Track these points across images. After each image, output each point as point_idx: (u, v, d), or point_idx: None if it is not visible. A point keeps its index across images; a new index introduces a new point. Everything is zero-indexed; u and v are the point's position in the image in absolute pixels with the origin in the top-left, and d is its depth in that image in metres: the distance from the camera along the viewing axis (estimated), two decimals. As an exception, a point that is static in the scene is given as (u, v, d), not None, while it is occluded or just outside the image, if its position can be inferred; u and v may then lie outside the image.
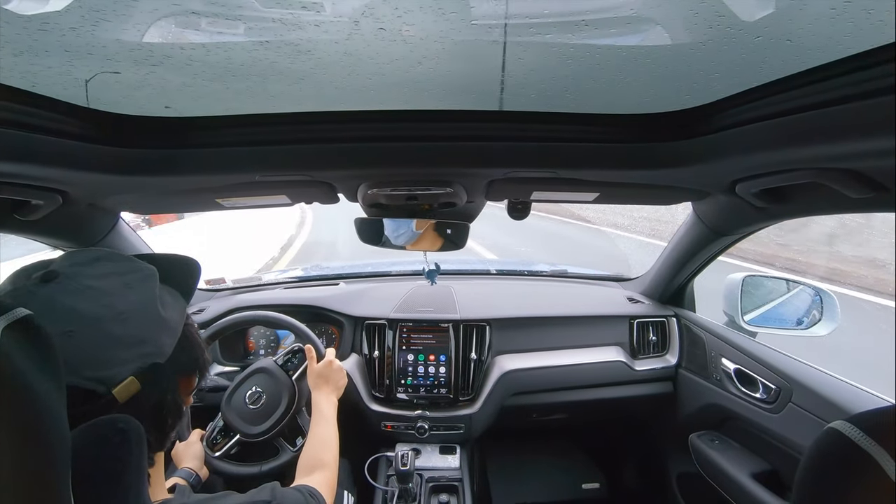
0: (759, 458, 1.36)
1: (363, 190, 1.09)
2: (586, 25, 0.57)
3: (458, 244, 1.25)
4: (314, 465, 1.04)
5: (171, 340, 0.65)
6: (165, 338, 0.64)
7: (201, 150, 0.89)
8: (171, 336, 0.65)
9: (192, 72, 0.70)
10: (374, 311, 1.73)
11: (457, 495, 1.47)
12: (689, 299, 1.80)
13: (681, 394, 1.70)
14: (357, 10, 0.55)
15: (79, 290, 0.58)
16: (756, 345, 1.41)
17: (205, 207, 1.25)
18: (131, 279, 0.63)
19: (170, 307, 0.67)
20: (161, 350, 0.62)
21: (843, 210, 0.94)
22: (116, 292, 0.60)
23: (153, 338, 0.62)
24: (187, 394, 0.74)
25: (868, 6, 0.47)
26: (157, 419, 0.65)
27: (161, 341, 0.63)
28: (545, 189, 1.09)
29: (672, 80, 0.72)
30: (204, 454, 1.25)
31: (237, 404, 1.29)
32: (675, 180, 1.02)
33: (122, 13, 0.55)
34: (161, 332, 0.63)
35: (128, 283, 0.62)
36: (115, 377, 0.56)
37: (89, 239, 1.27)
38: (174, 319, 0.67)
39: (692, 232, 1.46)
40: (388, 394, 1.64)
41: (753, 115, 0.71)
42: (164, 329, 0.64)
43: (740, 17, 0.52)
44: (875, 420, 0.51)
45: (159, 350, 0.62)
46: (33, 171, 0.84)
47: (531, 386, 1.66)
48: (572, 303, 1.88)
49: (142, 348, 0.60)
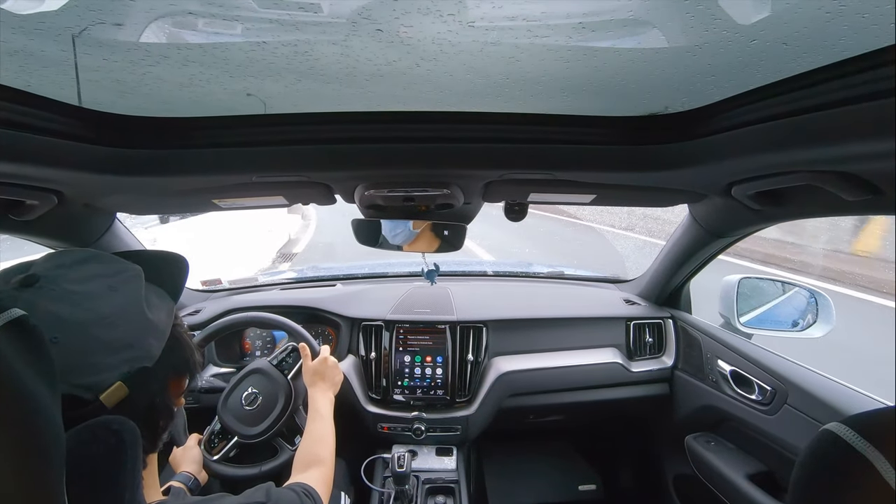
0: (755, 460, 1.37)
1: (360, 191, 1.09)
2: (583, 28, 0.57)
3: (455, 245, 1.25)
4: (310, 461, 1.04)
5: (158, 343, 0.63)
6: (153, 340, 0.62)
7: (198, 151, 0.89)
8: (158, 338, 0.64)
9: (189, 72, 0.70)
10: (370, 312, 1.72)
11: (453, 497, 1.46)
12: (686, 301, 1.81)
13: (677, 395, 1.71)
14: (355, 11, 0.55)
15: (61, 295, 0.56)
16: (752, 346, 1.42)
17: (201, 208, 1.25)
18: (116, 281, 0.61)
19: (157, 308, 0.65)
20: (149, 353, 0.61)
21: (838, 212, 0.94)
22: (101, 296, 0.59)
23: (140, 341, 0.60)
24: (178, 395, 0.73)
25: (863, 10, 0.47)
26: (148, 421, 0.64)
27: (148, 344, 0.62)
28: (542, 191, 1.09)
29: (668, 83, 0.72)
30: (202, 458, 1.24)
31: (234, 406, 1.29)
32: (671, 182, 1.03)
33: (119, 13, 0.55)
34: (148, 334, 0.62)
35: (112, 285, 0.61)
36: (102, 383, 0.55)
37: (85, 239, 1.27)
38: (161, 321, 0.65)
39: (688, 234, 1.47)
40: (384, 395, 1.64)
41: (749, 117, 0.72)
42: (151, 332, 0.63)
43: (736, 20, 0.53)
44: (870, 422, 0.51)
45: (147, 353, 0.61)
46: (28, 171, 0.84)
47: (528, 387, 1.66)
48: (569, 304, 1.89)
49: (129, 353, 0.59)
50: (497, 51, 0.63)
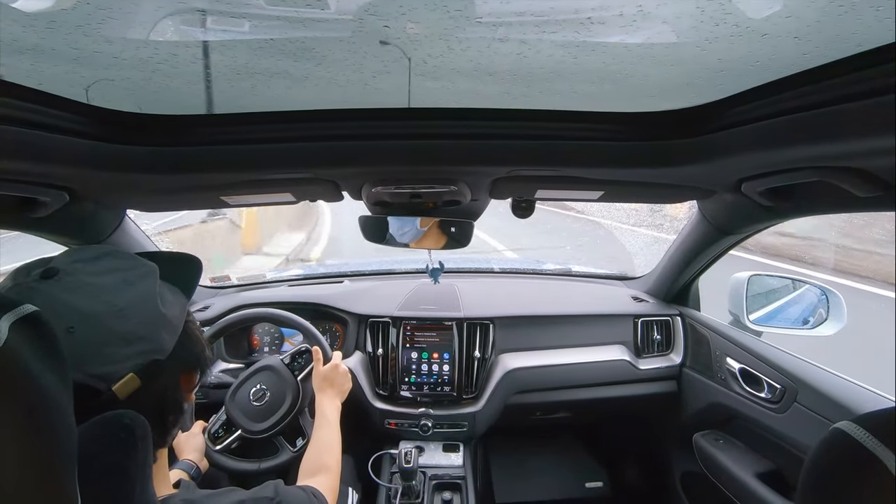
0: (764, 458, 1.36)
1: (367, 188, 1.09)
2: (592, 23, 0.57)
3: (462, 242, 1.25)
4: (317, 468, 1.04)
5: (171, 337, 0.65)
6: (166, 334, 0.64)
7: (206, 148, 0.90)
8: (171, 333, 0.65)
9: (198, 69, 0.71)
10: (378, 308, 1.73)
11: (460, 493, 1.47)
12: (694, 298, 1.79)
13: (685, 393, 1.70)
14: (361, 7, 0.55)
15: (78, 286, 0.58)
16: (761, 344, 1.40)
17: (210, 205, 1.26)
18: (131, 276, 0.63)
19: (170, 304, 0.67)
20: (161, 346, 0.62)
21: (849, 209, 0.93)
22: (116, 289, 0.60)
23: (153, 334, 0.62)
24: (189, 390, 0.74)
25: (876, 3, 0.46)
26: (159, 416, 0.65)
27: (161, 338, 0.63)
28: (549, 187, 1.09)
29: (678, 79, 0.72)
30: (205, 446, 1.26)
31: (241, 400, 1.30)
32: (680, 179, 1.02)
33: (129, 11, 0.56)
34: (161, 328, 0.63)
35: (127, 279, 0.62)
36: (115, 374, 0.57)
37: (95, 236, 1.28)
38: (175, 316, 0.67)
39: (697, 231, 1.46)
40: (391, 391, 1.64)
41: (760, 113, 0.71)
42: (164, 326, 0.64)
43: (747, 14, 0.52)
44: (881, 421, 0.50)
45: (160, 347, 0.62)
46: (39, 169, 0.85)
47: (535, 384, 1.66)
48: (576, 301, 1.88)
49: (142, 345, 0.60)
50: (504, 47, 0.63)
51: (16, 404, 0.36)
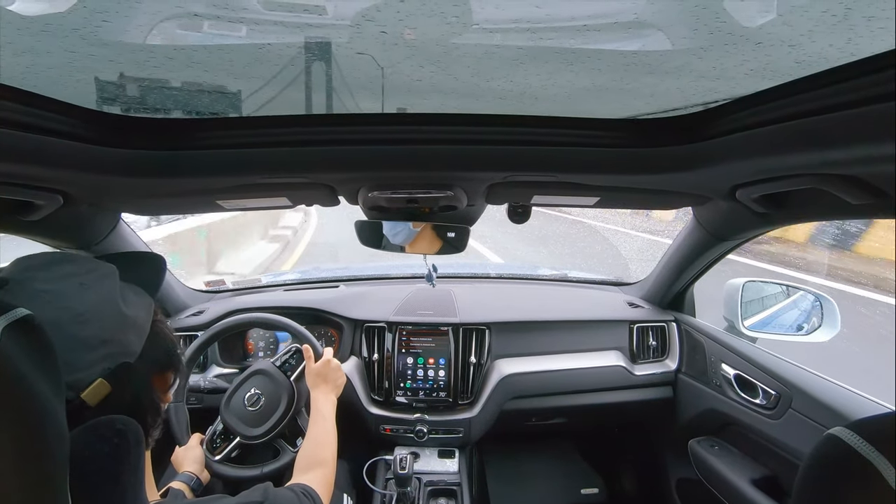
0: (759, 465, 1.36)
1: (363, 193, 1.09)
2: (588, 30, 0.57)
3: (458, 248, 1.25)
4: (311, 462, 1.04)
5: (138, 338, 0.64)
6: (132, 336, 0.63)
7: (202, 152, 0.89)
8: (137, 334, 0.64)
9: (194, 74, 0.70)
10: (373, 313, 1.72)
11: (455, 499, 1.46)
12: (689, 304, 1.80)
13: (680, 399, 1.70)
14: (359, 13, 0.55)
15: (31, 295, 0.56)
16: (756, 350, 1.41)
17: (205, 209, 1.26)
18: (88, 279, 0.61)
19: (134, 305, 0.65)
20: (128, 349, 0.61)
21: (843, 216, 0.94)
22: (73, 294, 0.58)
23: (118, 337, 0.60)
24: (164, 391, 0.73)
25: (869, 13, 0.47)
26: (136, 419, 0.63)
27: (127, 340, 0.62)
28: (546, 193, 1.09)
29: (673, 86, 0.72)
30: (204, 458, 1.25)
31: (236, 407, 1.29)
32: (675, 185, 1.02)
33: (125, 15, 0.56)
34: (126, 330, 0.62)
35: (84, 283, 0.60)
36: (82, 381, 0.55)
37: (90, 240, 1.27)
38: (140, 317, 0.65)
39: (692, 237, 1.46)
40: (387, 397, 1.63)
41: (754, 120, 0.71)
42: (129, 327, 0.62)
43: (742, 22, 0.53)
44: (875, 427, 0.51)
45: (126, 349, 0.61)
46: (34, 172, 0.84)
47: (530, 390, 1.66)
48: (572, 307, 1.88)
49: (107, 348, 0.58)
50: (501, 53, 0.64)
51: (8, 408, 0.36)
